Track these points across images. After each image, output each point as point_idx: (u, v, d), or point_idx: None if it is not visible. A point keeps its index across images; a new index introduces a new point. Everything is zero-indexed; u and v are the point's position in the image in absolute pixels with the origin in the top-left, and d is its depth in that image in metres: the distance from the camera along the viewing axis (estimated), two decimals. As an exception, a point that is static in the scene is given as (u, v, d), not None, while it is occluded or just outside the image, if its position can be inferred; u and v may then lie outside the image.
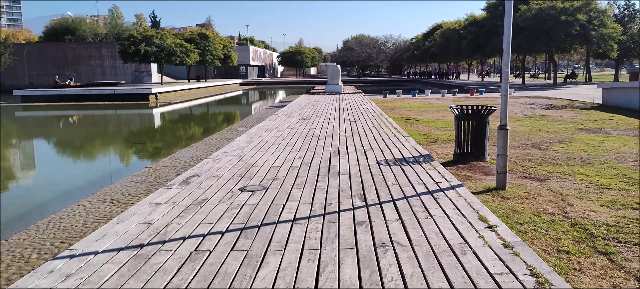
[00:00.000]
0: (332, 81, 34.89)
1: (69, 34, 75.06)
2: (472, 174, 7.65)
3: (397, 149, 9.47)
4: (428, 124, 15.14)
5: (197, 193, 6.29)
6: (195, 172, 7.68)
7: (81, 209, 7.71)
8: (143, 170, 11.31)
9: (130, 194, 8.50)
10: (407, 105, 23.29)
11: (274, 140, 11.10)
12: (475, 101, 25.46)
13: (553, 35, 37.46)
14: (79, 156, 17.26)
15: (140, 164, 12.87)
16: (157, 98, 41.08)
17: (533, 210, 5.70)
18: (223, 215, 5.31)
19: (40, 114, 34.67)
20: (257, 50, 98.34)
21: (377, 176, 7.10)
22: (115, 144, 19.31)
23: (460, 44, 52.70)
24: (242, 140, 11.20)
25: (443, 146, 10.80)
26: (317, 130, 12.87)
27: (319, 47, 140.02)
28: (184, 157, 12.30)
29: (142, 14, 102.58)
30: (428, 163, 8.01)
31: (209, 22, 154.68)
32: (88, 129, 25.65)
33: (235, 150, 9.80)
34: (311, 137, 11.52)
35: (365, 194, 6.08)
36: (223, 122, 24.16)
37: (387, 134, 11.82)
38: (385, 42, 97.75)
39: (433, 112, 19.30)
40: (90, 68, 66.83)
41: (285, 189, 6.45)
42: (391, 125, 13.70)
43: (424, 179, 6.80)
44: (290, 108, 20.86)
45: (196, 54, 54.73)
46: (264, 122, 15.29)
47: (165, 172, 10.27)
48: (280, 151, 9.54)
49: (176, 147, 16.57)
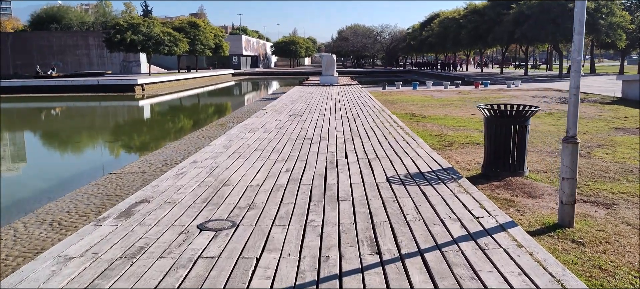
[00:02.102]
0: (326, 72, 32.92)
1: (55, 23, 72.50)
2: (513, 198, 5.78)
3: (410, 158, 7.57)
4: (437, 122, 13.26)
5: (136, 234, 4.38)
6: (146, 194, 5.75)
7: (10, 235, 5.98)
8: (104, 178, 9.45)
9: (77, 212, 6.76)
10: (409, 98, 21.39)
11: (258, 144, 9.17)
12: (485, 94, 23.60)
13: (559, 23, 35.60)
14: (36, 157, 15.27)
15: (102, 170, 10.94)
16: (144, 89, 39.02)
17: (628, 267, 3.84)
18: (161, 283, 3.42)
19: (14, 106, 32.56)
20: (250, 40, 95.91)
21: (391, 203, 5.20)
22: (82, 143, 17.32)
23: (459, 34, 50.72)
24: (219, 144, 9.25)
25: (462, 152, 8.93)
26: (310, 130, 10.95)
27: (313, 38, 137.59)
28: (156, 160, 10.49)
29: (131, 3, 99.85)
30: (453, 180, 6.13)
31: (202, 12, 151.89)
32: (58, 124, 23.60)
33: (207, 158, 7.87)
34: (302, 139, 9.61)
35: (378, 238, 4.19)
36: (207, 118, 22.18)
37: (394, 136, 9.92)
38: (381, 32, 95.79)
39: (439, 107, 17.42)
40: (77, 58, 64.37)
41: (263, 226, 4.55)
42: (396, 124, 11.79)
43: (457, 209, 4.91)
44: (280, 102, 18.90)
45: (185, 44, 52.49)
46: (249, 119, 13.34)
47: (129, 181, 8.47)
48: (263, 161, 7.62)
49: (151, 147, 14.64)
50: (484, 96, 22.06)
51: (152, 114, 27.39)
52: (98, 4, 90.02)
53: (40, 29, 71.31)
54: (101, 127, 21.58)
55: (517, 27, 37.95)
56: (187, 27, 57.39)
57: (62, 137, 19.25)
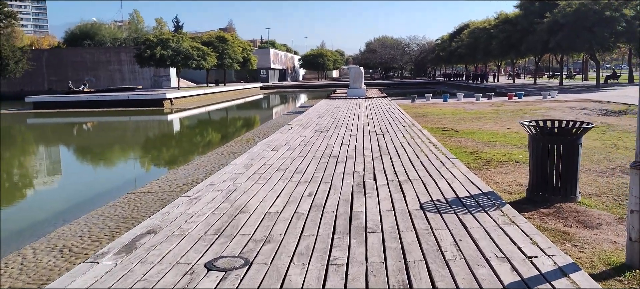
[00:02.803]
0: (354, 85, 32.35)
1: (88, 39, 74.18)
2: (567, 229, 5.05)
3: (445, 180, 6.89)
4: (471, 137, 12.50)
5: (135, 275, 3.86)
6: (154, 224, 5.25)
7: (17, 263, 5.63)
8: (122, 198, 9.11)
9: (90, 237, 6.46)
10: (440, 111, 20.60)
11: (281, 163, 8.63)
12: (519, 107, 22.60)
13: (596, 32, 34.13)
14: (58, 173, 15.13)
15: (122, 188, 10.59)
16: (172, 104, 39.27)
17: None
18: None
19: (48, 121, 33.11)
20: (278, 53, 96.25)
21: (426, 236, 4.55)
22: (106, 160, 17.15)
23: (490, 44, 49.44)
24: (240, 163, 8.75)
25: (501, 171, 8.19)
26: (336, 147, 10.36)
27: (341, 50, 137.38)
28: (177, 178, 10.16)
29: (162, 18, 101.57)
30: (496, 208, 5.43)
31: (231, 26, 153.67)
32: (86, 139, 23.69)
33: (225, 180, 7.36)
34: (328, 158, 9.03)
35: (412, 282, 3.56)
36: (235, 132, 21.87)
37: (426, 153, 9.24)
38: (409, 43, 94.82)
39: (472, 121, 16.61)
40: (109, 73, 65.63)
41: (280, 265, 3.97)
42: (428, 139, 11.09)
43: (504, 245, 4.22)
44: (307, 116, 18.39)
45: (214, 58, 52.73)
46: (273, 135, 12.85)
47: (147, 202, 8.13)
48: (284, 183, 7.06)
49: (174, 163, 14.32)
50: (518, 108, 21.08)
51: (179, 129, 27.32)
52: (130, 21, 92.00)
53: (75, 45, 73.08)
54: (127, 142, 21.51)
55: (552, 36, 36.62)
56: (215, 41, 57.75)
57: (86, 153, 19.20)
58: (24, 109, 38.51)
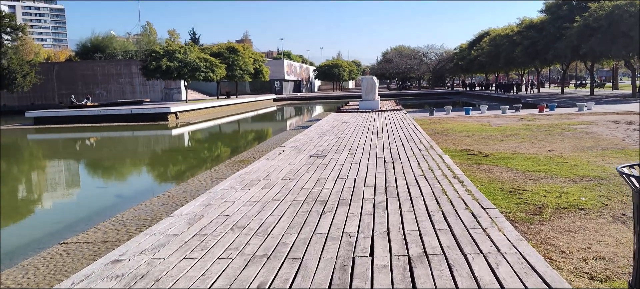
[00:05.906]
0: (367, 96, 29.81)
1: (99, 52, 73.07)
2: None
3: (482, 257, 4.29)
4: (505, 164, 9.84)
5: None
6: None
7: None
8: (51, 248, 6.98)
9: None
10: (462, 127, 17.92)
11: (242, 213, 6.12)
12: (554, 121, 19.73)
13: (633, 36, 31.12)
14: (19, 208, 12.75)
15: (56, 235, 8.21)
16: (177, 118, 37.28)
17: None
18: None
19: (47, 137, 31.32)
20: (292, 64, 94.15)
21: None
22: (58, 194, 14.70)
23: (513, 52, 46.48)
24: (186, 213, 6.24)
25: (562, 227, 5.58)
26: (329, 183, 7.82)
27: (357, 60, 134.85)
28: (136, 217, 8.13)
29: (175, 30, 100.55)
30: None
31: (247, 38, 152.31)
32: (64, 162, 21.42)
33: (142, 252, 4.86)
34: (312, 203, 6.50)
35: None
36: (219, 156, 19.43)
37: (449, 196, 6.64)
38: (427, 52, 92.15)
39: (502, 140, 13.93)
40: (120, 86, 64.28)
41: None
42: (450, 171, 8.47)
43: None
44: (307, 135, 15.87)
45: (222, 69, 50.68)
46: (255, 163, 10.33)
47: (78, 255, 5.88)
48: (229, 258, 4.53)
49: (145, 193, 11.83)
50: (554, 123, 18.28)
51: (170, 147, 25.01)
52: (143, 33, 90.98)
53: (86, 58, 72.04)
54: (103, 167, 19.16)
55: (583, 42, 33.65)
56: (225, 52, 55.86)
57: (44, 187, 17.00)
58: (25, 124, 36.90)
